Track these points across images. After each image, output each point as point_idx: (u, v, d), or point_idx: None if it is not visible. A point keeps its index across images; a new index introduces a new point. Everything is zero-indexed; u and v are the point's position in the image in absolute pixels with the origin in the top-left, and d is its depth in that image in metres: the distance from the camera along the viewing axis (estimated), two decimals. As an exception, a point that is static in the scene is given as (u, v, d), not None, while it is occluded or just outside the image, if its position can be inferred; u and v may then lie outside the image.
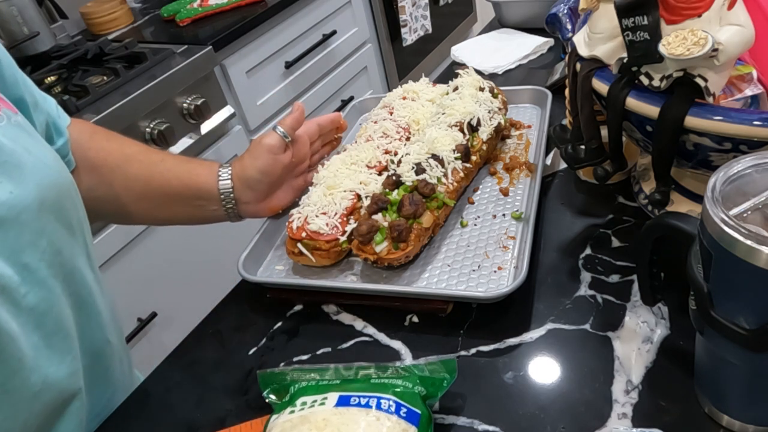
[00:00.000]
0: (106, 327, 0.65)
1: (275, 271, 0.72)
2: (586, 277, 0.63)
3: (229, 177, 0.74)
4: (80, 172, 0.69)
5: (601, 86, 0.57)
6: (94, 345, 0.62)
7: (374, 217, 0.67)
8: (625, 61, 0.55)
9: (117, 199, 0.73)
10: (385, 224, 0.66)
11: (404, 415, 0.47)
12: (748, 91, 0.61)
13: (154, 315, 1.45)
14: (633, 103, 0.55)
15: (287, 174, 0.77)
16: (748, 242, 0.37)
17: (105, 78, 1.41)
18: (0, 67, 0.59)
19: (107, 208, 0.73)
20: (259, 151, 0.73)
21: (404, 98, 0.89)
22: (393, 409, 0.47)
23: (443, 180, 0.70)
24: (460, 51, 1.23)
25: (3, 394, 0.49)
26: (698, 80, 0.51)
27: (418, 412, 0.48)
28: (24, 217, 0.48)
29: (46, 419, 0.55)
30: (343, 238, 0.68)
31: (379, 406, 0.47)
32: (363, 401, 0.48)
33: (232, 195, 0.74)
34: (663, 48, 0.50)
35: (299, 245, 0.68)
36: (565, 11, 0.67)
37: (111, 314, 0.66)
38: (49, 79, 1.45)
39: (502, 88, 0.89)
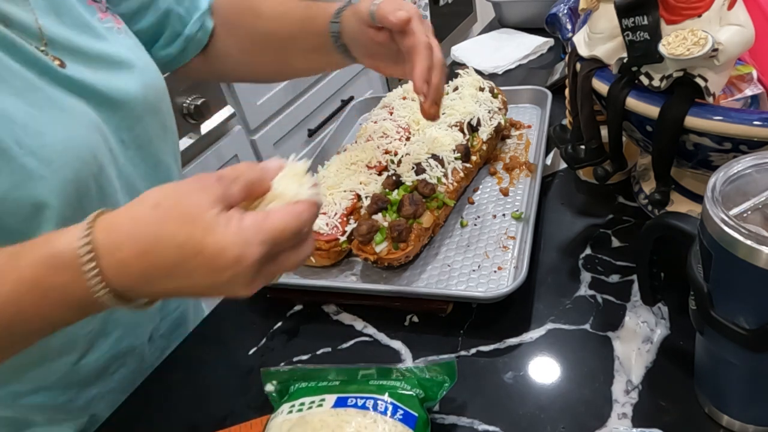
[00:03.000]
0: None
1: (275, 271, 0.72)
2: (586, 277, 0.63)
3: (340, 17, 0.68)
4: (216, 29, 0.74)
5: (601, 86, 0.57)
6: None
7: (374, 217, 0.67)
8: (625, 61, 0.55)
9: (246, 54, 0.75)
10: (385, 224, 0.66)
11: (401, 417, 0.47)
12: (748, 91, 0.61)
13: (154, 315, 1.45)
14: (633, 103, 0.55)
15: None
16: (748, 242, 0.37)
17: (105, 78, 1.40)
18: None
19: (239, 63, 0.77)
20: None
21: (404, 98, 0.89)
22: (390, 411, 0.47)
23: (443, 180, 0.70)
24: (460, 51, 1.23)
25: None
26: (698, 80, 0.51)
27: (415, 414, 0.48)
28: (130, 104, 0.59)
29: None
30: (343, 238, 0.68)
31: (375, 408, 0.47)
32: (360, 403, 0.48)
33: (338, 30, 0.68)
34: (663, 48, 0.50)
35: (299, 245, 0.68)
36: (565, 11, 0.67)
37: None
38: (49, 79, 1.45)
39: (502, 88, 0.89)
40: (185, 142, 1.48)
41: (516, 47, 1.17)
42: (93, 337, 0.62)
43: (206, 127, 1.53)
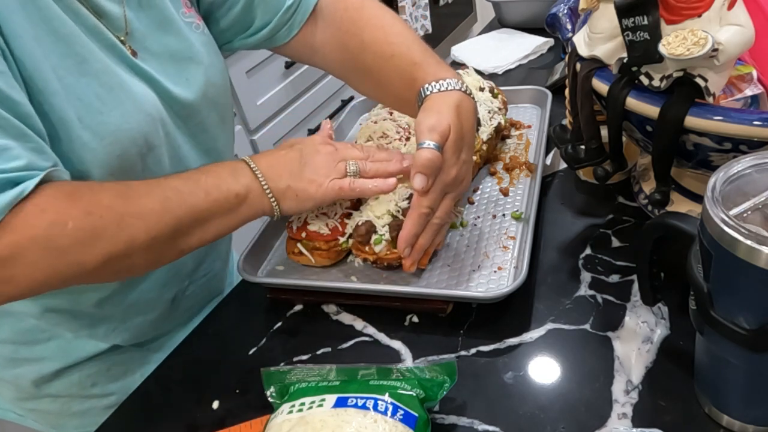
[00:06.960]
0: None
1: (275, 271, 0.72)
2: (586, 277, 0.63)
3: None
4: (318, 32, 0.73)
5: (601, 86, 0.57)
6: None
7: (370, 217, 0.67)
8: (625, 61, 0.55)
9: (342, 67, 0.75)
10: (381, 223, 0.66)
11: (401, 417, 0.47)
12: (748, 91, 0.61)
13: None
14: (633, 103, 0.55)
15: None
16: (748, 242, 0.37)
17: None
18: None
19: (333, 68, 0.76)
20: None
21: (404, 98, 0.89)
22: (390, 411, 0.47)
23: (443, 180, 0.70)
24: (460, 51, 1.23)
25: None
26: (698, 80, 0.51)
27: (416, 414, 0.48)
28: (188, 99, 0.65)
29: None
30: (343, 239, 0.68)
31: (376, 408, 0.47)
32: (360, 403, 0.48)
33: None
34: (663, 48, 0.50)
35: (299, 245, 0.68)
36: (565, 11, 0.67)
37: None
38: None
39: (502, 88, 0.89)
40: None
41: (516, 47, 1.17)
42: (121, 283, 0.67)
43: (206, 127, 1.52)
